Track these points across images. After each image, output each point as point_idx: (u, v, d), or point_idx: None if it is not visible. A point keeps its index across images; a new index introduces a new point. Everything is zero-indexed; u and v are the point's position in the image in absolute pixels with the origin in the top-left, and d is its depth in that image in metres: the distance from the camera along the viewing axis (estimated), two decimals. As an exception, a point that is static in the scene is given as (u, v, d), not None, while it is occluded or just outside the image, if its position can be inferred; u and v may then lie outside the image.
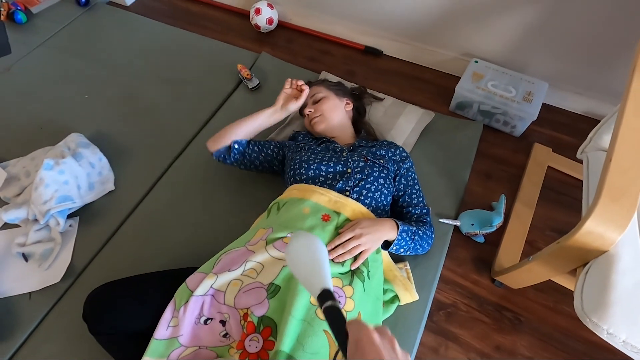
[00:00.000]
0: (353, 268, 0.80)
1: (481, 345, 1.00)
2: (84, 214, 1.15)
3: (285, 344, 0.66)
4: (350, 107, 1.18)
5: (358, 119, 1.21)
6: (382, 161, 0.98)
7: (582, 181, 1.25)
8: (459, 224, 1.12)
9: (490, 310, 1.05)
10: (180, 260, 1.04)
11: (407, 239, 0.90)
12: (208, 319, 0.75)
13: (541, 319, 1.03)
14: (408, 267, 1.00)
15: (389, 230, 0.87)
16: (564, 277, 0.83)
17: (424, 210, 1.00)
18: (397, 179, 1.02)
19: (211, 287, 0.75)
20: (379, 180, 0.94)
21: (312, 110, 1.11)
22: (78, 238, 1.11)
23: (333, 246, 0.80)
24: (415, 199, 1.01)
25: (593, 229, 0.66)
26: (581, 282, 0.68)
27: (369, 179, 0.93)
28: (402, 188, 1.01)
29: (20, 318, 0.98)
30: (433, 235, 1.00)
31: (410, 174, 1.04)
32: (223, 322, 0.74)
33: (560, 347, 0.99)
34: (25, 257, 1.05)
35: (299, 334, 0.68)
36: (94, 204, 1.17)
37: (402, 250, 0.93)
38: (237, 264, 0.77)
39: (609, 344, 0.66)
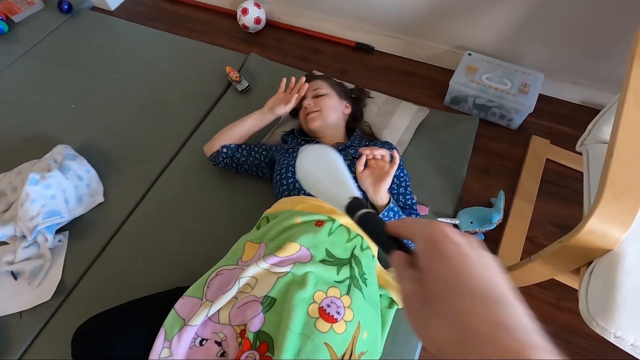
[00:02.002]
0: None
1: (485, 346, 0.98)
2: (73, 228, 1.12)
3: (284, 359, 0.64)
4: (348, 110, 1.14)
5: (352, 123, 1.17)
6: None
7: (582, 173, 1.23)
8: (457, 222, 1.09)
9: (492, 309, 1.02)
10: (172, 272, 1.01)
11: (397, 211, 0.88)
12: (203, 339, 0.72)
13: (545, 316, 1.01)
14: (407, 269, 0.97)
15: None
16: (567, 276, 0.80)
17: (415, 216, 0.98)
18: None
19: (207, 315, 0.71)
20: None
21: (311, 104, 1.07)
22: (68, 253, 1.08)
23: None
24: (409, 201, 0.98)
25: (596, 228, 0.64)
26: (585, 283, 0.66)
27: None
28: (393, 187, 0.98)
29: (11, 339, 0.95)
30: None
31: (401, 174, 1.01)
32: (218, 343, 0.71)
33: (565, 345, 0.97)
34: (15, 275, 1.02)
35: (298, 348, 0.66)
36: (83, 217, 1.14)
37: None
38: (230, 284, 0.74)
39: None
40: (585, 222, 0.64)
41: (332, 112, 1.07)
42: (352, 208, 0.38)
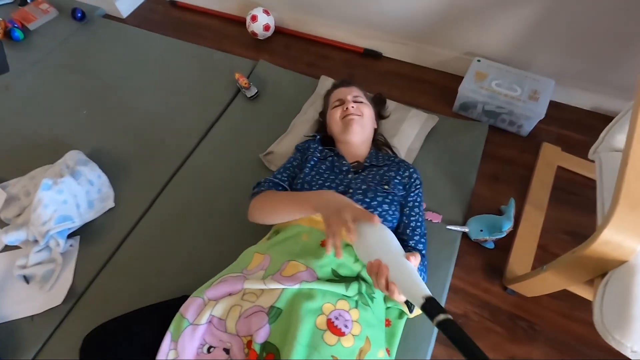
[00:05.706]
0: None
1: (495, 356, 0.96)
2: (84, 233, 1.13)
3: None
4: (375, 127, 1.11)
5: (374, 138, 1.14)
6: (386, 187, 0.91)
7: (594, 180, 1.21)
8: (467, 230, 1.08)
9: (503, 319, 1.01)
10: (181, 277, 1.02)
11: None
12: (211, 347, 0.72)
13: (557, 327, 0.99)
14: (416, 278, 0.96)
15: None
16: (580, 287, 0.79)
17: (422, 240, 0.90)
18: (404, 202, 0.94)
19: (210, 314, 0.72)
20: (383, 205, 0.88)
21: (355, 107, 1.02)
22: (79, 258, 1.09)
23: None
24: (415, 223, 0.92)
25: (611, 238, 0.63)
26: (600, 295, 0.65)
27: (372, 204, 0.87)
28: (406, 211, 0.93)
29: (23, 342, 0.96)
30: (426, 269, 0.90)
31: (417, 198, 0.96)
32: (226, 350, 0.71)
33: (578, 356, 0.95)
34: (27, 279, 1.04)
35: None
36: (94, 222, 1.15)
37: None
38: (235, 289, 0.74)
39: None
40: (599, 232, 0.63)
41: (369, 121, 1.05)
42: (427, 309, 0.44)
